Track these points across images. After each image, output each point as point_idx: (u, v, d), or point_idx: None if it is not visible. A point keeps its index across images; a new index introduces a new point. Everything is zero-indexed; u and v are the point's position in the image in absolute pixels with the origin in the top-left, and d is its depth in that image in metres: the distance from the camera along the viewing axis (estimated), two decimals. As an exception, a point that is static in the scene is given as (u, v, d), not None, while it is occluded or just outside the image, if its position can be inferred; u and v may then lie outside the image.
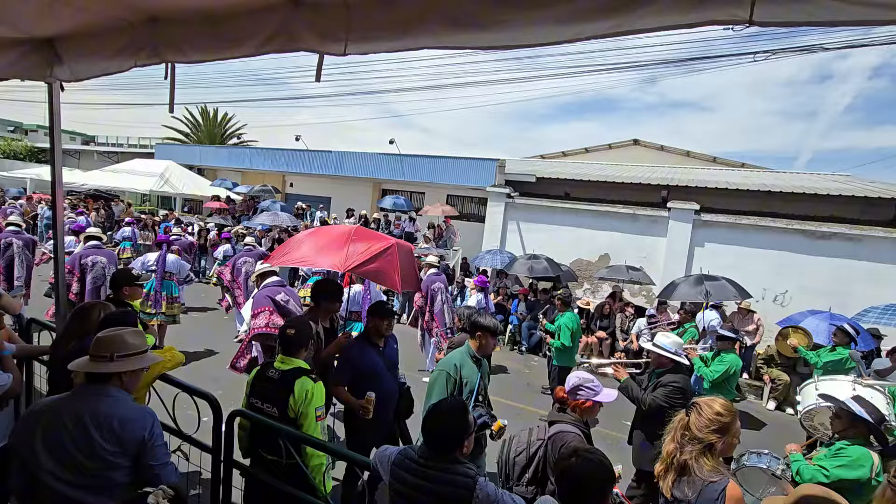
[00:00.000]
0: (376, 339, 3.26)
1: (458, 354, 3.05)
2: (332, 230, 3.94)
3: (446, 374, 2.91)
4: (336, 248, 3.44)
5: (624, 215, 11.12)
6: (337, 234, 3.68)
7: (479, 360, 3.06)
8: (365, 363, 3.14)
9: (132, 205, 16.89)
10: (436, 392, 2.86)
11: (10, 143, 30.09)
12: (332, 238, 3.63)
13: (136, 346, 1.99)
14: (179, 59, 2.13)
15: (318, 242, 3.63)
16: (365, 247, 3.47)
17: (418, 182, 15.83)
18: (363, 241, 3.56)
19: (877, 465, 2.66)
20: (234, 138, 31.65)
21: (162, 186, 15.52)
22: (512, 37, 1.55)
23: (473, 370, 2.99)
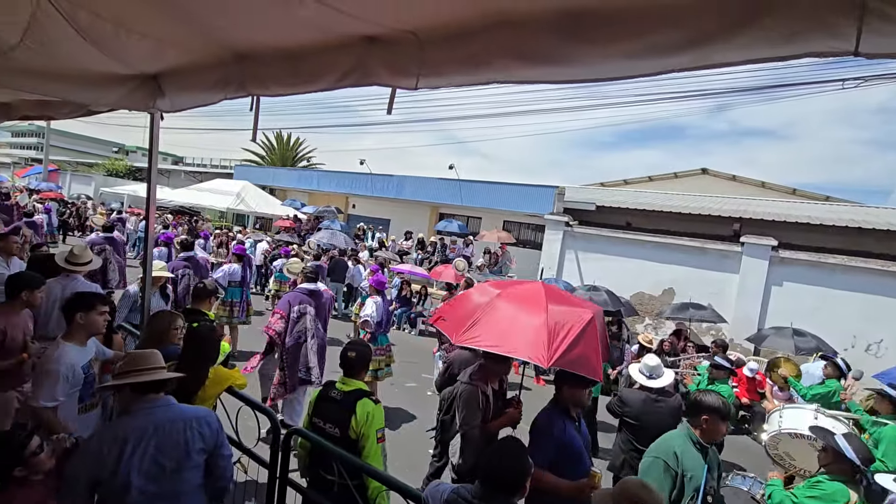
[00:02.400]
0: (573, 411, 2.78)
1: (677, 438, 2.59)
2: (517, 291, 3.10)
3: (663, 465, 2.45)
4: (534, 330, 2.68)
5: (691, 248, 10.53)
6: (528, 303, 2.89)
7: (704, 447, 2.55)
8: (567, 441, 2.63)
9: (210, 220, 18.27)
10: None
11: (113, 162, 33.76)
12: (522, 309, 2.85)
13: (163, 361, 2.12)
14: (263, 92, 2.31)
15: (507, 315, 2.84)
16: (565, 322, 2.72)
17: (475, 207, 15.97)
18: (560, 310, 2.79)
19: (854, 502, 2.64)
20: (303, 161, 33.60)
21: (238, 205, 16.70)
22: (582, 72, 1.54)
23: (698, 461, 2.49)
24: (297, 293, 4.83)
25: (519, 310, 2.85)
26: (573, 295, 3.30)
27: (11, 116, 4.43)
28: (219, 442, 2.03)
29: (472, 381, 3.08)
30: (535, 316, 2.75)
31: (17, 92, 3.74)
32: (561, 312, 2.77)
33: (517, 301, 2.94)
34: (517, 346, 2.71)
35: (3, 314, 3.00)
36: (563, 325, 2.69)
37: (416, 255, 14.50)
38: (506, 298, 2.97)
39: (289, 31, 1.95)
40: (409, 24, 1.71)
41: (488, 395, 3.07)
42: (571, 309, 2.87)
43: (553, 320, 2.69)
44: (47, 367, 2.45)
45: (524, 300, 2.94)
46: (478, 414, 2.96)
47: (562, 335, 2.65)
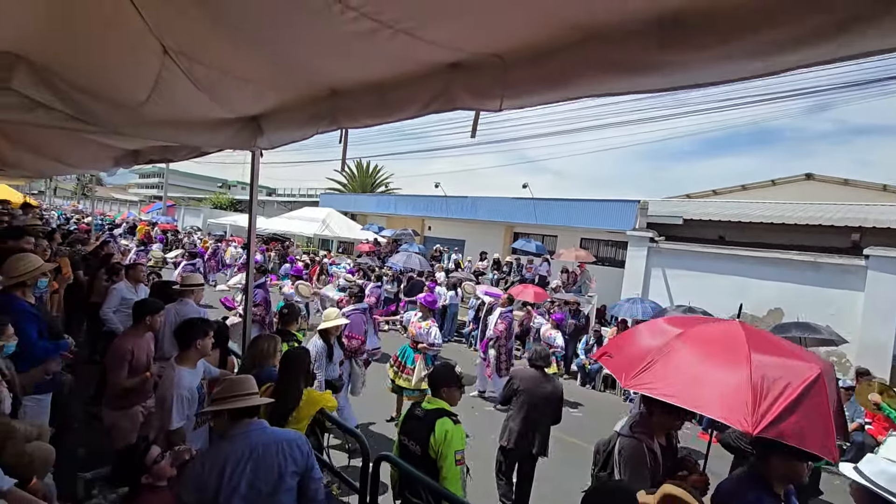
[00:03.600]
0: (781, 487, 2.24)
1: None
2: (705, 332, 2.64)
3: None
4: (733, 384, 2.21)
5: (801, 263, 9.41)
6: (721, 349, 2.43)
7: None
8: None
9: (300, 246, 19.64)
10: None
11: (218, 196, 37.63)
12: (713, 355, 2.41)
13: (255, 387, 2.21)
14: (353, 124, 2.43)
15: (692, 361, 2.41)
16: (778, 378, 2.18)
17: (550, 225, 15.60)
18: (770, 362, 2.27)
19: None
20: (382, 187, 35.15)
21: (323, 231, 17.83)
22: (674, 79, 1.44)
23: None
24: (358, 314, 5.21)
25: (708, 356, 2.40)
26: (786, 341, 2.64)
27: (139, 161, 5.10)
28: (310, 464, 2.09)
29: (635, 433, 2.56)
30: (733, 366, 2.27)
31: (145, 140, 4.30)
32: (772, 365, 2.25)
33: (706, 345, 2.48)
34: (706, 401, 2.23)
35: (131, 336, 3.38)
36: (774, 381, 2.17)
37: (493, 275, 14.40)
38: (690, 340, 2.51)
39: (377, 65, 2.03)
40: (495, 47, 1.71)
41: (656, 452, 2.55)
42: (787, 361, 2.31)
43: (759, 374, 2.18)
44: (170, 391, 2.66)
45: (716, 344, 2.47)
46: (646, 475, 2.45)
47: (773, 395, 2.13)
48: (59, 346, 3.23)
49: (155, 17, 1.84)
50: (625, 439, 2.58)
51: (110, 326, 4.72)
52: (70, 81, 2.36)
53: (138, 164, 5.35)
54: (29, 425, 2.77)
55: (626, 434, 2.60)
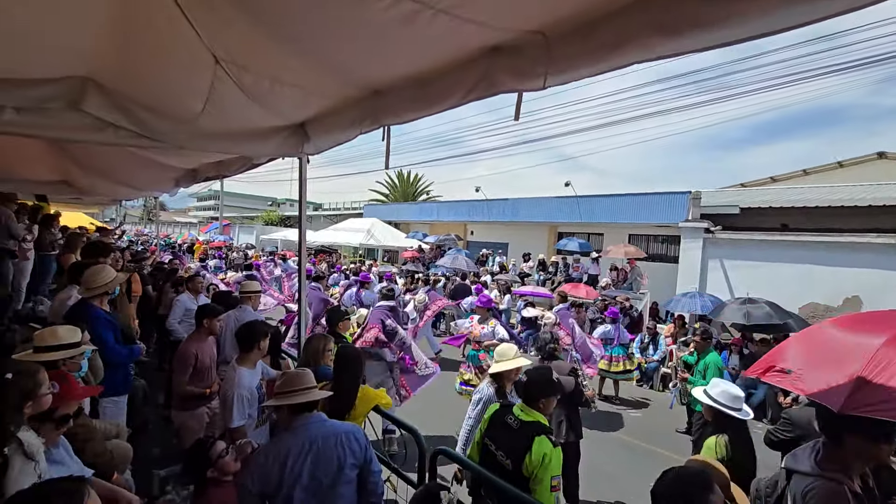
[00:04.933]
0: None
1: None
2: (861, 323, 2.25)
3: None
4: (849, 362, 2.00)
5: (880, 246, 8.63)
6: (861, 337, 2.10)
7: None
8: None
9: (347, 256, 20.17)
10: None
11: (269, 214, 39.34)
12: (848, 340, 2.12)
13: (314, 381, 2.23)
14: (395, 121, 2.45)
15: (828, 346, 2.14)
16: None
17: (596, 223, 15.19)
18: None
19: None
20: (423, 195, 35.57)
21: (368, 240, 18.23)
22: (720, 35, 1.35)
23: None
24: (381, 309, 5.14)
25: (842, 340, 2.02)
26: None
27: (197, 179, 5.40)
28: (368, 457, 2.10)
29: (825, 472, 1.88)
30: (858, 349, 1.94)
31: (201, 157, 4.56)
32: None
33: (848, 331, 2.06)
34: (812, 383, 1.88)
35: (195, 341, 3.57)
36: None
37: (538, 276, 14.17)
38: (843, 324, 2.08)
39: (417, 55, 2.04)
40: (537, 23, 1.68)
41: (861, 497, 1.89)
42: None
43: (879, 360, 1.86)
44: (231, 391, 2.77)
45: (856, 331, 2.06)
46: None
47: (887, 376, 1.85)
48: (133, 351, 3.45)
49: (205, 27, 1.94)
50: (815, 481, 1.90)
51: (176, 336, 5.00)
52: (134, 99, 2.54)
53: (197, 183, 5.68)
54: (108, 424, 2.96)
55: (815, 473, 1.92)
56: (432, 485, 1.67)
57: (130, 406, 3.59)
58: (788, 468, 2.04)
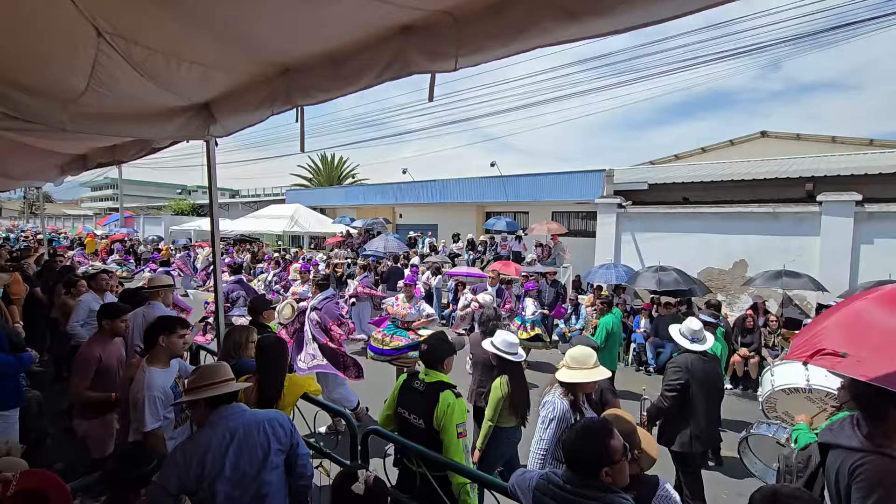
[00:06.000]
0: None
1: None
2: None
3: None
4: None
5: (761, 215, 9.79)
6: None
7: None
8: None
9: (270, 245, 19.22)
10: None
11: (178, 203, 36.29)
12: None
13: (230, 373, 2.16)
14: (308, 101, 2.36)
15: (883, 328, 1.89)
16: None
17: (521, 202, 15.73)
18: None
19: None
20: (349, 178, 34.64)
21: (292, 227, 17.46)
22: (631, 18, 1.44)
23: None
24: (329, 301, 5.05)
25: None
26: None
27: (88, 166, 4.84)
28: (295, 441, 2.10)
29: (880, 446, 1.74)
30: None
31: (90, 141, 4.09)
32: None
33: None
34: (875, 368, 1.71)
35: (97, 343, 3.26)
36: None
37: (468, 255, 14.46)
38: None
39: (328, 33, 1.97)
40: (446, 3, 1.68)
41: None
42: None
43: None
44: (142, 393, 2.57)
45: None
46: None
47: None
48: (22, 360, 3.08)
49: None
50: (865, 456, 1.75)
51: (79, 340, 4.53)
52: (3, 77, 2.22)
53: (88, 170, 5.08)
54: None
55: (865, 448, 1.76)
56: (350, 465, 1.71)
57: (23, 420, 3.22)
58: (826, 442, 1.93)
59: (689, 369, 3.68)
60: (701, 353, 3.83)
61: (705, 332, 3.96)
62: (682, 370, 3.69)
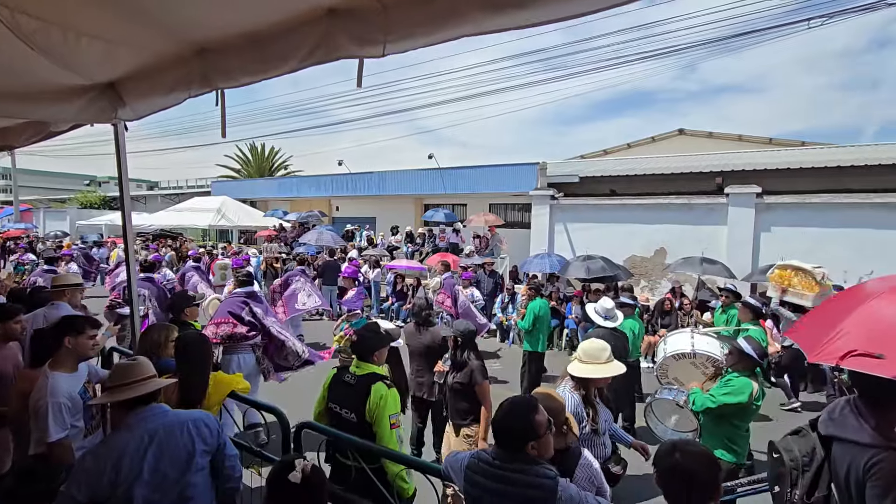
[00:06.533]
0: None
1: None
2: None
3: None
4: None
5: (678, 206, 10.60)
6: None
7: None
8: None
9: (194, 240, 18.00)
10: None
11: (86, 195, 33.01)
12: None
13: (152, 370, 2.04)
14: (230, 84, 2.22)
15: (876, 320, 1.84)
16: None
17: (459, 194, 15.89)
18: None
19: (756, 391, 3.08)
20: (281, 170, 33.21)
21: (219, 221, 16.48)
22: (551, 12, 1.49)
23: None
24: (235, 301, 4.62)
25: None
26: None
27: (-30, 151, 4.27)
28: (221, 441, 2.00)
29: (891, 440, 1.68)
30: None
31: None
32: None
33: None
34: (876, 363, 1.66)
35: (-10, 349, 2.90)
36: None
37: (406, 248, 14.43)
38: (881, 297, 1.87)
39: (248, 14, 1.87)
40: (370, -14, 1.64)
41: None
42: None
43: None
44: (44, 401, 2.33)
45: None
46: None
47: None
48: None
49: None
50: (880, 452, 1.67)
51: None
52: None
53: (-29, 156, 4.49)
54: None
55: (879, 444, 1.68)
56: (287, 456, 1.66)
57: None
58: (831, 435, 1.84)
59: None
60: (612, 329, 4.23)
61: (616, 311, 4.36)
62: None
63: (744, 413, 3.13)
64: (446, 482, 2.06)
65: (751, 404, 3.07)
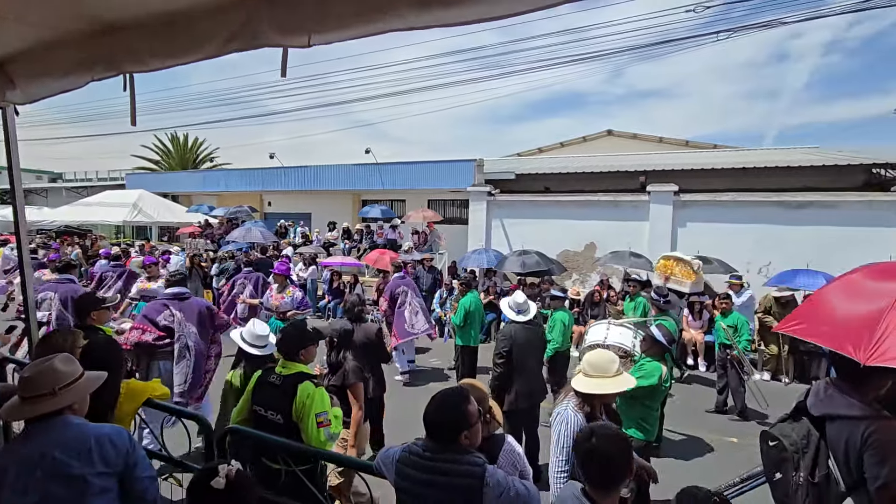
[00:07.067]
0: None
1: None
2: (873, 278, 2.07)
3: None
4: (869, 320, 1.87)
5: (606, 203, 11.21)
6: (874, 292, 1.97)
7: None
8: None
9: (106, 237, 16.45)
10: None
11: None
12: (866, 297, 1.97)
13: (72, 372, 1.85)
14: (139, 68, 2.04)
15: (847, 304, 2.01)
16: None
17: (398, 190, 15.77)
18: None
19: (665, 374, 3.39)
20: (207, 162, 31.22)
21: (136, 216, 15.17)
22: (479, 11, 1.51)
23: None
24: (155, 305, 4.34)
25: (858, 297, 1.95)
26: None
27: None
28: (131, 462, 1.80)
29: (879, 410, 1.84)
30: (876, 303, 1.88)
31: None
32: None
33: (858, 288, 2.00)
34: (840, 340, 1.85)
35: None
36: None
37: (343, 244, 14.12)
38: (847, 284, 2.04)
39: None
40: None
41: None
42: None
43: None
44: None
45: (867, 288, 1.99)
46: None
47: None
48: None
49: None
50: (871, 423, 1.81)
51: None
52: None
53: None
54: None
55: (869, 414, 1.83)
56: (210, 463, 1.57)
57: None
58: (824, 415, 1.95)
59: (512, 337, 4.19)
60: (525, 322, 4.33)
61: (529, 303, 4.50)
62: (507, 339, 4.20)
63: (654, 394, 3.41)
64: None
65: (660, 386, 3.38)
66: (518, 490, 1.70)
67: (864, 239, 8.75)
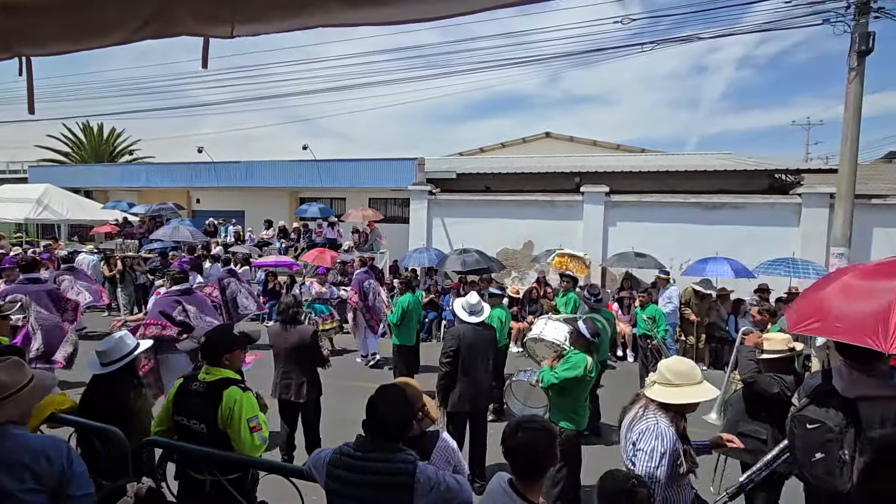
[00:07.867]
0: None
1: None
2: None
3: None
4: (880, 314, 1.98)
5: (543, 203, 11.62)
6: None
7: None
8: None
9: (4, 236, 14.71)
10: None
11: None
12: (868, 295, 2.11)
13: (17, 381, 1.72)
14: (35, 51, 1.85)
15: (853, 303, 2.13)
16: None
17: (337, 188, 15.42)
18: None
19: (590, 365, 3.60)
20: (125, 155, 28.85)
21: (40, 213, 13.68)
22: (408, 11, 1.51)
23: None
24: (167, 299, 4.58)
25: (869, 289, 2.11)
26: None
27: None
28: (65, 479, 1.70)
29: None
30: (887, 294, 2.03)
31: None
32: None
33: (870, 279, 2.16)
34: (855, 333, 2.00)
35: None
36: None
37: (280, 244, 13.60)
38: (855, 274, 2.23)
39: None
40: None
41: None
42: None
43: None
44: None
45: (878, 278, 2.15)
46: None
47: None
48: None
49: None
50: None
51: None
52: None
53: None
54: None
55: None
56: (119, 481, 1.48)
57: None
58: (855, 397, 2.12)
59: (460, 338, 4.24)
60: (476, 323, 4.37)
61: (483, 305, 4.57)
62: (455, 338, 4.25)
63: (581, 385, 3.63)
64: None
65: (585, 377, 3.57)
66: (449, 484, 1.73)
67: (768, 236, 9.74)
